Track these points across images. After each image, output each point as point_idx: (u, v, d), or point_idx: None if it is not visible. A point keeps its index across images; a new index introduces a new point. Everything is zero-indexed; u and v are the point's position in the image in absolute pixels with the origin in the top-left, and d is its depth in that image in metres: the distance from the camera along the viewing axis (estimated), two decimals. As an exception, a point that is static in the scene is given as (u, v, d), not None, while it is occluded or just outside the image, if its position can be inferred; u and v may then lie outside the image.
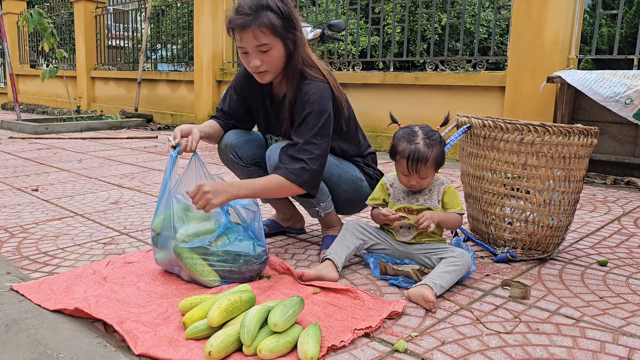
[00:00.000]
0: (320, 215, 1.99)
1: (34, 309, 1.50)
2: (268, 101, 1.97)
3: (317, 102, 1.77)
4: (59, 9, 10.34)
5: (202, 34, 6.75)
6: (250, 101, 2.02)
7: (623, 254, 2.07)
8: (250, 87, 1.99)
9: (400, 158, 1.74)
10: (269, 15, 1.69)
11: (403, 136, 1.76)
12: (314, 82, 1.80)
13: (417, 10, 5.94)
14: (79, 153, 4.75)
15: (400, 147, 1.74)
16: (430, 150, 1.71)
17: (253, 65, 1.75)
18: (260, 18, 1.68)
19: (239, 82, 2.02)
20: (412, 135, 1.74)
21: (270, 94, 1.96)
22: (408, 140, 1.73)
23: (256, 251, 1.70)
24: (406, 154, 1.71)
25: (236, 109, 2.04)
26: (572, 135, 1.85)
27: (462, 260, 1.69)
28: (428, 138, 1.73)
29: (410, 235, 1.83)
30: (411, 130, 1.77)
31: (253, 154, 2.03)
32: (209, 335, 1.32)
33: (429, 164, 1.72)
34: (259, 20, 1.68)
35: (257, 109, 2.02)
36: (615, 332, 1.42)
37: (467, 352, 1.30)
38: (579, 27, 3.98)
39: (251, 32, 1.69)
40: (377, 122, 5.08)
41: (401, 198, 1.84)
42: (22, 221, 2.47)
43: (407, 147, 1.72)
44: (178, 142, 1.77)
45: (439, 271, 1.65)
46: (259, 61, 1.74)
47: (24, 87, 11.35)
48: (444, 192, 1.81)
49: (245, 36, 1.70)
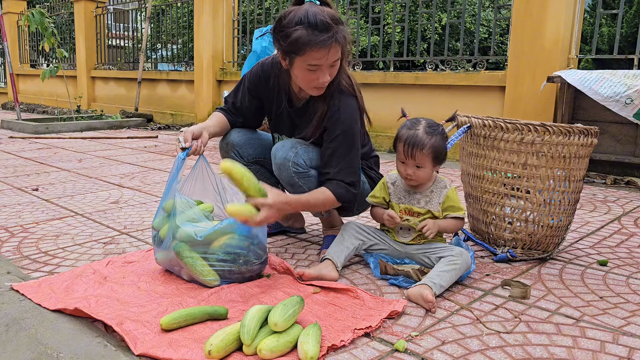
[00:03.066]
0: (323, 215, 2.00)
1: (34, 309, 1.50)
2: (285, 103, 1.93)
3: (347, 121, 1.79)
4: (59, 8, 10.34)
5: (202, 34, 6.75)
6: (265, 101, 1.99)
7: (623, 254, 2.07)
8: (268, 88, 1.95)
9: (399, 143, 1.76)
10: (345, 30, 1.66)
11: (406, 124, 1.79)
12: (345, 96, 1.80)
13: (417, 10, 5.94)
14: (79, 153, 4.75)
15: (401, 132, 1.77)
16: (429, 137, 1.72)
17: (324, 81, 1.70)
18: (342, 32, 1.64)
19: (254, 82, 1.97)
20: (414, 123, 1.77)
21: (289, 96, 1.92)
22: (409, 127, 1.76)
23: (256, 251, 1.70)
24: (404, 138, 1.74)
25: (249, 106, 2.00)
26: (572, 135, 1.85)
27: (461, 259, 1.69)
28: (429, 127, 1.75)
29: (410, 236, 1.83)
30: (415, 119, 1.80)
31: (255, 153, 2.03)
32: (187, 325, 1.37)
33: (426, 151, 1.71)
34: (341, 34, 1.64)
35: (271, 108, 1.99)
36: (616, 331, 1.42)
37: (467, 352, 1.30)
38: (579, 26, 3.98)
39: (337, 48, 1.65)
40: (377, 122, 5.07)
41: (402, 197, 1.83)
42: (22, 221, 2.47)
43: (407, 132, 1.75)
44: (189, 144, 1.75)
45: (438, 270, 1.66)
46: (329, 76, 1.70)
47: (24, 87, 11.35)
48: (447, 196, 1.79)
49: (331, 53, 1.64)
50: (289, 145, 1.83)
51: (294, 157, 1.80)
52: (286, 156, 1.80)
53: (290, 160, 1.80)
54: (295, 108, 1.91)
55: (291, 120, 1.94)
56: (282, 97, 1.93)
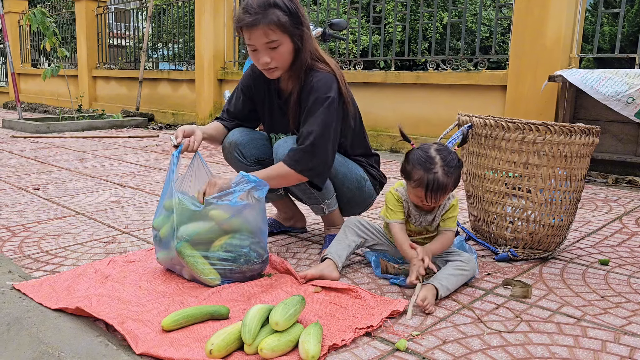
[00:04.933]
0: (324, 212, 2.00)
1: (35, 308, 1.50)
2: (275, 97, 1.99)
3: (322, 89, 1.80)
4: (60, 7, 10.34)
5: (203, 33, 6.75)
6: (257, 100, 2.05)
7: (624, 253, 2.07)
8: (257, 85, 2.02)
9: (416, 186, 1.64)
10: (277, 13, 1.72)
11: (419, 163, 1.63)
12: (320, 72, 1.84)
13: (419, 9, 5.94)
14: (80, 152, 4.76)
15: (416, 175, 1.63)
16: (450, 178, 1.61)
17: (263, 61, 1.78)
18: (269, 16, 1.72)
19: (246, 82, 2.05)
20: (429, 163, 1.62)
21: (277, 90, 1.98)
22: (425, 169, 1.61)
23: (257, 250, 1.70)
24: (424, 183, 1.61)
25: (241, 109, 2.07)
26: (574, 134, 1.85)
27: (470, 266, 1.68)
28: (447, 165, 1.61)
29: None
30: (427, 155, 1.63)
31: (257, 152, 2.03)
32: (187, 325, 1.37)
33: (448, 191, 1.65)
34: (267, 18, 1.71)
35: (263, 106, 2.04)
36: (617, 331, 1.41)
37: (469, 351, 1.30)
38: (580, 25, 3.97)
39: (261, 30, 1.72)
40: (379, 122, 5.08)
41: (412, 216, 1.77)
42: (23, 220, 2.47)
43: (425, 176, 1.60)
44: (180, 141, 1.79)
45: (446, 273, 1.65)
46: (268, 58, 1.77)
47: (25, 86, 11.36)
48: (451, 206, 1.75)
49: (255, 34, 1.73)
50: (290, 142, 1.86)
51: None
52: (287, 153, 1.82)
53: None
54: (283, 100, 1.97)
55: (282, 113, 1.98)
56: (272, 93, 1.99)
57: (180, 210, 1.67)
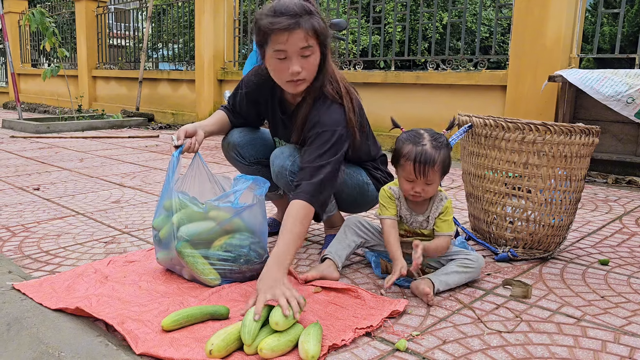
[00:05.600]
0: (323, 218, 1.99)
1: (35, 308, 1.50)
2: (279, 110, 1.91)
3: (327, 124, 1.69)
4: (60, 8, 10.34)
5: (203, 33, 6.75)
6: (262, 110, 1.98)
7: (624, 253, 2.07)
8: (262, 95, 1.93)
9: (405, 161, 1.63)
10: (316, 19, 1.64)
11: (408, 139, 1.66)
12: (329, 103, 1.73)
13: (418, 9, 5.94)
14: (80, 152, 4.76)
15: (405, 149, 1.64)
16: (438, 152, 1.62)
17: (293, 70, 1.64)
18: (310, 20, 1.62)
19: (250, 89, 1.95)
20: (417, 138, 1.65)
21: (280, 102, 1.90)
22: (414, 142, 1.64)
23: (257, 250, 1.70)
24: (412, 156, 1.61)
25: (247, 112, 2.00)
26: (574, 134, 1.85)
27: (476, 264, 1.68)
28: (434, 140, 1.64)
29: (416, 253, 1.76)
30: (416, 132, 1.68)
31: (256, 153, 2.02)
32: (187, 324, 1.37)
33: (437, 167, 1.62)
34: (308, 22, 1.61)
35: (266, 114, 1.99)
36: (617, 331, 1.41)
37: (469, 351, 1.30)
38: (580, 25, 3.97)
39: (301, 33, 1.59)
40: (379, 122, 5.06)
41: (404, 216, 1.77)
42: (23, 220, 2.47)
43: (413, 148, 1.62)
44: (182, 142, 1.76)
45: (448, 270, 1.65)
46: (299, 67, 1.64)
47: (25, 87, 11.36)
48: (444, 208, 1.72)
49: (294, 37, 1.60)
50: (287, 152, 1.82)
51: (290, 166, 1.78)
52: (283, 164, 1.80)
53: (287, 169, 1.79)
54: (287, 115, 1.89)
55: (285, 126, 1.92)
56: (275, 104, 1.92)
57: (181, 211, 1.68)
